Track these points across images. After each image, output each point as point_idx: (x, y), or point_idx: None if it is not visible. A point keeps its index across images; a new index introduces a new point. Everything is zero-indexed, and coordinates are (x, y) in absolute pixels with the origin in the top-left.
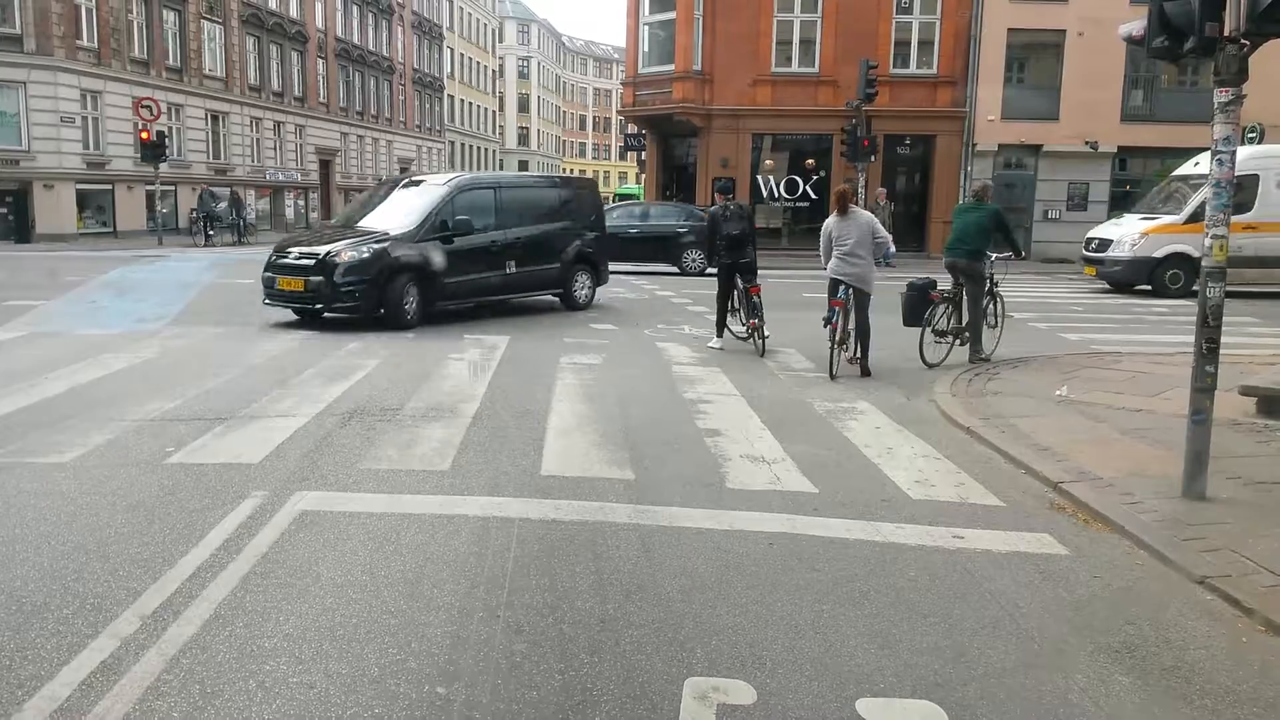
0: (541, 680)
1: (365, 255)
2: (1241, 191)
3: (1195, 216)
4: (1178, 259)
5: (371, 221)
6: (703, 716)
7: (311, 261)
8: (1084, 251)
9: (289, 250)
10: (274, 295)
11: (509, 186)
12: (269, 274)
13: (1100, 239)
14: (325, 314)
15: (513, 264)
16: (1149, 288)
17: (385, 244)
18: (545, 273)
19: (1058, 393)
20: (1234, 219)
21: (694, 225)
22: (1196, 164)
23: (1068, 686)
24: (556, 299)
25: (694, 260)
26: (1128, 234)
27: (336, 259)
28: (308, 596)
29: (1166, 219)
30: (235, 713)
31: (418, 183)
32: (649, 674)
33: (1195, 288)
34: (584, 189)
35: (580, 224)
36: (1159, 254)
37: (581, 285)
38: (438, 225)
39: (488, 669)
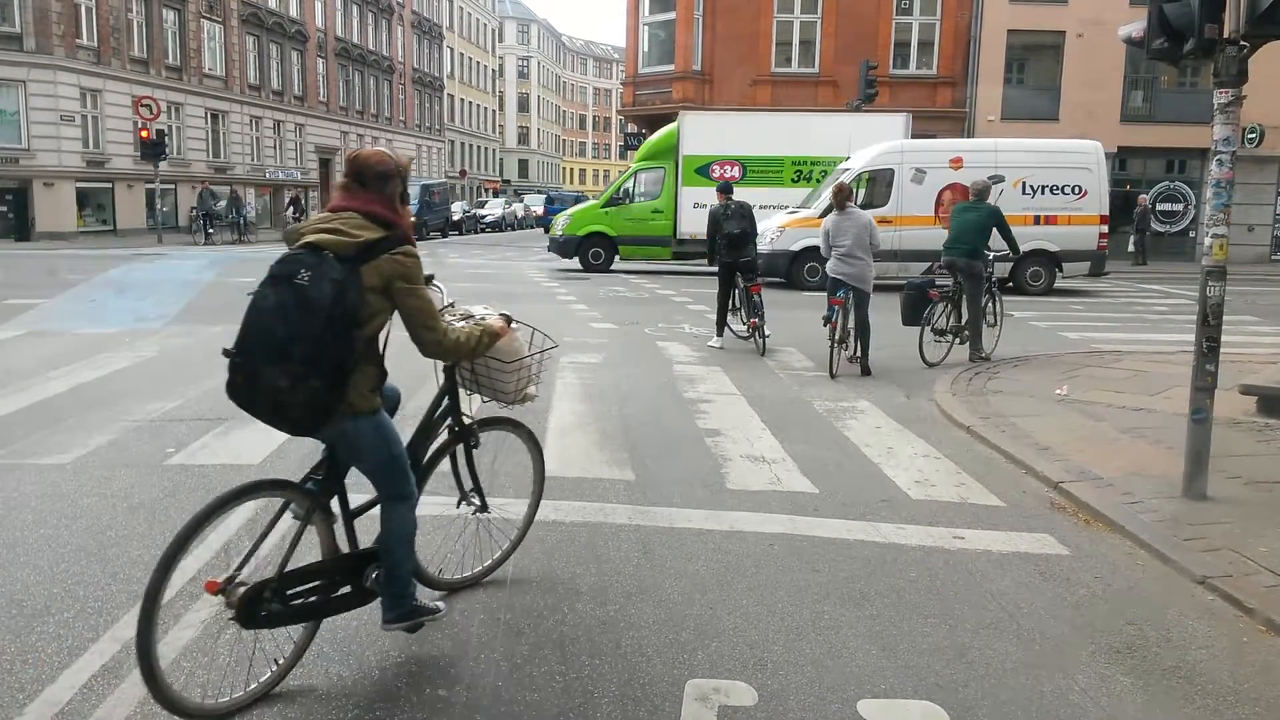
0: (542, 682)
1: None
2: (876, 186)
3: (829, 210)
4: (814, 253)
5: None
6: (704, 718)
7: None
8: None
9: None
10: None
11: None
12: None
13: None
14: None
15: None
16: (784, 281)
17: None
18: None
19: (1058, 391)
20: (873, 214)
21: None
22: (848, 158)
23: (1069, 687)
24: None
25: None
26: (768, 228)
27: None
28: None
29: (804, 213)
30: (236, 715)
31: None
32: (650, 676)
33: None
34: None
35: None
36: (795, 247)
37: None
38: None
39: (488, 671)
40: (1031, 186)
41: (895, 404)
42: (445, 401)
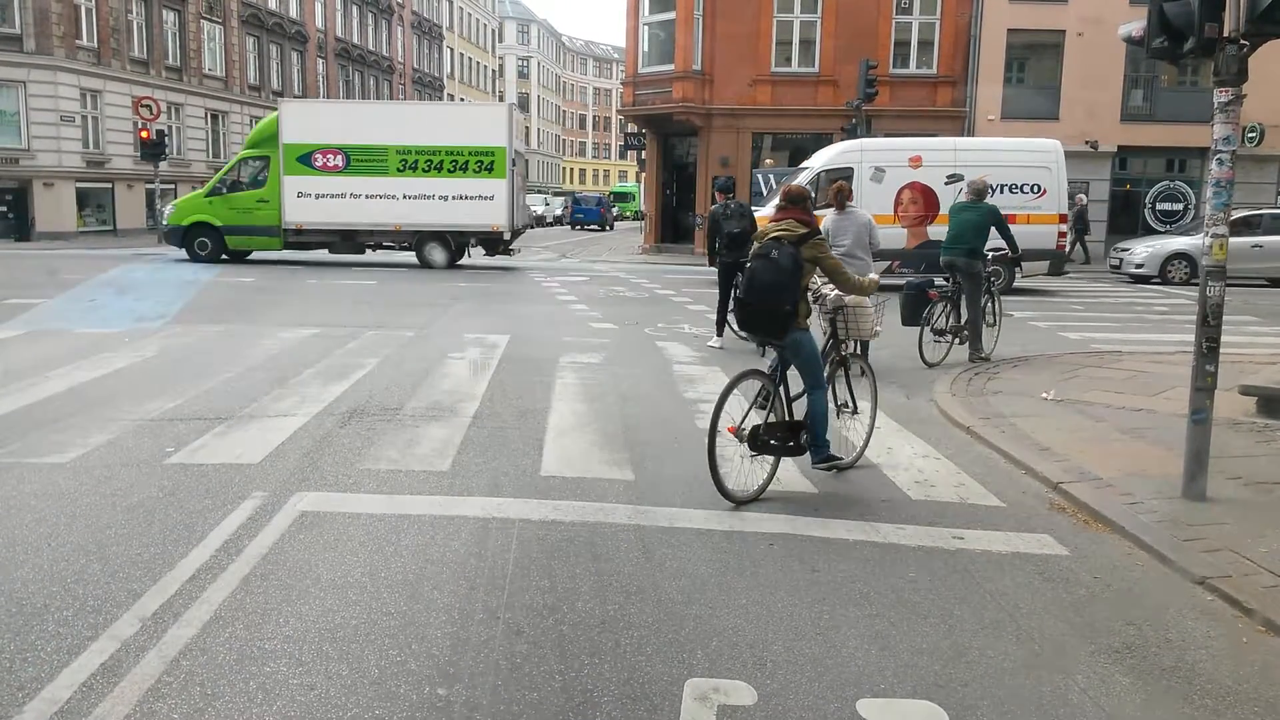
0: (542, 681)
1: None
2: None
3: (784, 206)
4: None
5: None
6: (703, 718)
7: None
8: None
9: None
10: None
11: None
12: None
13: None
14: None
15: None
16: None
17: None
18: None
19: (1044, 395)
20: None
21: None
22: (804, 163)
23: (1068, 687)
24: None
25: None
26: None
27: None
28: (308, 598)
29: (761, 212)
30: (235, 714)
31: None
32: (649, 675)
33: None
34: None
35: None
36: None
37: None
38: None
39: (488, 670)
40: (990, 185)
41: (895, 404)
42: (831, 341)
